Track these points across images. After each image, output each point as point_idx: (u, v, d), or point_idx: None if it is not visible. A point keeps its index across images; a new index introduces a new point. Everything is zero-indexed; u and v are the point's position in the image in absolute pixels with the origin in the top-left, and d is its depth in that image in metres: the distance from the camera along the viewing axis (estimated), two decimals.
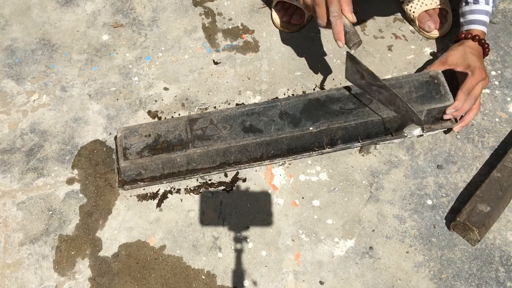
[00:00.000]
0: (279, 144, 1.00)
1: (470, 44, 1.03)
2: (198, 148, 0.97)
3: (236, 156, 1.00)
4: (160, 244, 0.97)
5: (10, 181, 1.04)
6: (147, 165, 0.97)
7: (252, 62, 1.20)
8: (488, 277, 0.92)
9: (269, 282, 0.93)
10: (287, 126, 0.99)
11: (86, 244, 0.97)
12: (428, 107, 1.00)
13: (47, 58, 1.21)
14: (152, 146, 0.98)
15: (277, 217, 0.99)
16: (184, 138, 0.98)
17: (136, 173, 0.99)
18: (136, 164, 0.96)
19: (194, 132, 0.99)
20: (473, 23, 1.05)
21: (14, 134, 1.10)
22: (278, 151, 1.02)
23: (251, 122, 1.00)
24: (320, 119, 0.99)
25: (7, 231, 0.98)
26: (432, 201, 1.01)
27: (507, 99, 1.13)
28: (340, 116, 1.00)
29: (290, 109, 1.01)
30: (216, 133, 0.99)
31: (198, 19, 1.28)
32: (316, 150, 1.03)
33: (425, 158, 1.06)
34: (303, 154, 1.03)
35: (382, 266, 0.94)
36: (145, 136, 0.99)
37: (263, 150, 1.00)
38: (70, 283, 0.93)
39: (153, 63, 1.20)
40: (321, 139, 1.01)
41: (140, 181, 1.00)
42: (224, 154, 0.99)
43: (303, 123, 0.99)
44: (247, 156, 1.01)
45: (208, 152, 0.97)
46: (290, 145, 1.01)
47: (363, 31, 1.25)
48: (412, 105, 0.99)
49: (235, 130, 0.99)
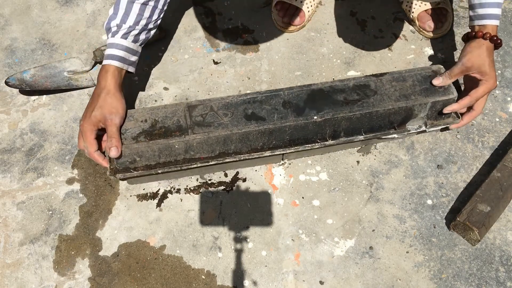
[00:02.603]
0: (281, 133, 0.96)
1: (484, 44, 0.97)
2: (198, 135, 0.93)
3: (236, 145, 0.96)
4: (160, 244, 0.97)
5: (10, 181, 1.04)
6: (143, 151, 0.92)
7: (252, 62, 1.20)
8: (488, 277, 0.92)
9: (269, 282, 0.93)
10: (290, 115, 0.96)
11: (86, 244, 0.97)
12: (433, 100, 0.98)
13: (47, 58, 1.21)
14: (149, 131, 0.93)
15: (277, 217, 0.99)
16: (183, 125, 0.94)
17: (130, 160, 0.93)
18: (131, 150, 0.92)
19: (193, 118, 0.95)
20: (484, 17, 0.98)
21: (14, 134, 1.10)
22: (279, 142, 0.98)
23: (253, 110, 0.97)
24: (324, 108, 0.97)
25: (7, 231, 0.98)
26: (432, 201, 1.01)
27: (507, 99, 1.13)
28: (345, 107, 0.97)
29: (293, 98, 0.98)
30: (217, 120, 0.95)
31: (198, 18, 1.28)
32: (318, 142, 0.99)
33: (425, 158, 1.06)
34: (305, 146, 0.99)
35: (382, 266, 0.94)
36: (141, 121, 0.95)
37: (265, 139, 0.97)
38: (70, 283, 0.93)
39: (153, 62, 1.20)
40: (324, 130, 0.98)
41: (133, 169, 0.95)
42: (225, 143, 0.95)
43: (307, 112, 0.96)
44: (248, 146, 0.97)
45: (208, 139, 0.93)
46: (292, 136, 0.98)
47: (363, 31, 1.25)
48: (416, 97, 0.98)
49: (237, 118, 0.95)
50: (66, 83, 1.14)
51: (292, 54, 1.21)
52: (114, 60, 0.95)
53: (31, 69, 1.13)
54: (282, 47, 1.22)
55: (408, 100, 0.98)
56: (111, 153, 0.90)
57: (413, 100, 0.98)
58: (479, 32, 0.97)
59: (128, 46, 0.96)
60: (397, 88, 1.00)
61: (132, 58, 0.98)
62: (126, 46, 0.96)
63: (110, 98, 0.92)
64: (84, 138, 0.92)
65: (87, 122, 0.91)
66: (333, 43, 1.23)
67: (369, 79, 1.02)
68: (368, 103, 0.98)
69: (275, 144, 0.98)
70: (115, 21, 0.96)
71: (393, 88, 1.00)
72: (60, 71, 1.14)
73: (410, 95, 0.99)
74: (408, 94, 0.99)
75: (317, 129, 0.98)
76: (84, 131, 0.91)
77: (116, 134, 0.91)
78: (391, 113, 0.99)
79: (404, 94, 0.99)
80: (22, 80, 1.11)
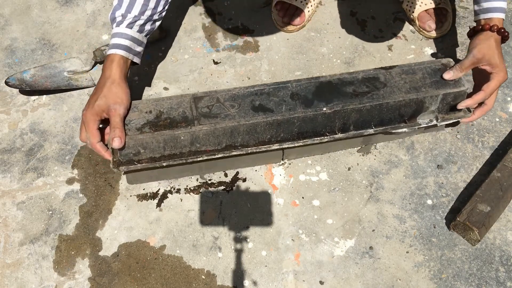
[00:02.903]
0: (290, 125, 0.94)
1: (492, 36, 0.96)
2: (205, 126, 0.90)
3: (243, 137, 0.94)
4: (160, 244, 0.97)
5: (10, 181, 1.04)
6: (148, 143, 0.90)
7: (252, 62, 1.20)
8: (488, 277, 0.92)
9: (269, 282, 0.93)
10: (299, 107, 0.94)
11: (86, 244, 0.97)
12: (444, 92, 0.96)
13: (47, 58, 1.21)
14: (154, 122, 0.91)
15: (277, 217, 0.99)
16: (189, 116, 0.92)
17: (134, 151, 0.90)
18: (135, 141, 0.89)
19: (199, 110, 0.93)
20: (490, 11, 0.98)
21: (14, 134, 1.10)
22: (288, 134, 0.96)
23: (261, 102, 0.95)
24: (333, 100, 0.95)
25: (7, 231, 0.98)
26: (432, 201, 1.01)
27: (507, 99, 1.13)
28: (354, 98, 0.95)
29: (302, 90, 0.97)
30: (224, 111, 0.93)
31: (198, 18, 1.28)
32: (327, 135, 0.97)
33: (425, 158, 1.06)
34: (313, 139, 0.96)
35: (382, 266, 0.94)
36: (145, 112, 0.92)
37: (273, 131, 0.94)
38: (70, 283, 0.93)
39: (153, 62, 1.20)
40: (333, 122, 0.96)
41: (137, 162, 0.92)
42: (232, 134, 0.93)
43: (315, 104, 0.95)
44: (255, 138, 0.95)
45: (215, 131, 0.91)
46: (301, 128, 0.95)
47: (363, 31, 1.25)
48: (427, 90, 0.97)
49: (244, 109, 0.93)
50: (66, 83, 1.14)
51: (292, 54, 1.21)
52: (120, 49, 0.93)
53: (31, 69, 1.13)
54: (282, 47, 1.22)
55: (419, 92, 0.96)
56: (114, 144, 0.87)
57: (424, 92, 0.96)
58: (486, 25, 0.96)
59: (134, 35, 0.95)
60: (407, 80, 0.99)
61: (137, 48, 0.97)
62: (132, 36, 0.95)
63: (115, 88, 0.90)
64: (86, 128, 0.89)
65: (90, 112, 0.88)
66: (333, 43, 1.23)
67: (378, 71, 1.00)
68: (378, 95, 0.96)
69: (283, 137, 0.96)
70: (119, 11, 0.94)
71: (403, 81, 0.99)
72: (60, 71, 1.14)
73: (421, 87, 0.97)
74: (419, 86, 0.97)
75: (326, 121, 0.96)
76: (87, 121, 0.89)
77: (119, 125, 0.89)
78: (401, 105, 0.97)
79: (415, 86, 0.98)
80: (22, 80, 1.11)
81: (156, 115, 0.92)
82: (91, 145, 0.90)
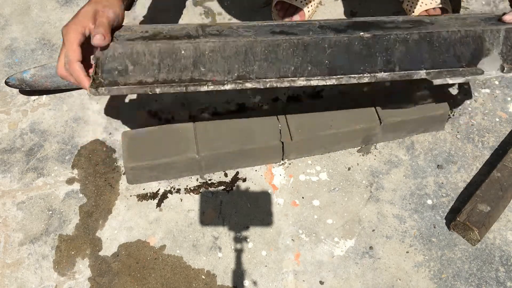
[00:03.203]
0: (318, 53, 0.76)
1: None
2: (212, 40, 0.74)
3: (261, 64, 0.75)
4: (160, 244, 0.97)
5: (10, 181, 1.04)
6: (139, 55, 0.73)
7: None
8: (488, 277, 0.92)
9: (269, 282, 0.93)
10: (329, 32, 0.78)
11: (86, 244, 0.97)
12: (506, 27, 0.82)
13: (47, 58, 1.21)
14: (150, 37, 0.76)
15: (277, 217, 0.99)
16: (194, 35, 0.77)
17: (120, 67, 0.73)
18: (123, 48, 0.72)
19: (207, 31, 0.78)
20: None
21: (14, 134, 1.10)
22: (316, 69, 0.76)
23: (282, 29, 0.79)
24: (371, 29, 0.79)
25: (7, 231, 0.98)
26: (432, 201, 1.01)
27: (507, 99, 1.13)
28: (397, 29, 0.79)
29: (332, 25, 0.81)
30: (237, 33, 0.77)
31: (198, 19, 1.28)
32: (367, 74, 0.78)
33: (425, 158, 1.06)
34: (350, 76, 0.77)
35: (382, 266, 0.94)
36: (141, 32, 0.77)
37: (298, 60, 0.75)
38: (70, 283, 0.93)
39: None
40: (374, 58, 0.78)
41: (123, 84, 0.73)
42: (246, 58, 0.74)
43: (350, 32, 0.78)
44: (276, 68, 0.76)
45: (225, 47, 0.74)
46: (333, 60, 0.77)
47: None
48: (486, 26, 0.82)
49: (262, 33, 0.77)
50: (66, 83, 1.13)
51: None
52: None
53: (31, 69, 1.13)
54: None
55: (476, 27, 0.82)
56: (95, 40, 0.72)
57: (482, 26, 0.82)
58: None
59: None
60: (458, 23, 0.84)
61: None
62: None
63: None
64: (66, 43, 0.73)
65: (74, 22, 0.74)
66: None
67: (422, 18, 0.88)
68: (426, 28, 0.81)
69: (311, 72, 0.77)
70: None
71: (453, 23, 0.84)
72: None
73: (477, 25, 0.83)
74: (474, 24, 0.83)
75: (366, 52, 0.78)
76: (67, 33, 0.73)
77: (105, 25, 0.73)
78: (457, 41, 0.81)
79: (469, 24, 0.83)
80: (22, 80, 1.11)
81: (154, 33, 0.77)
82: (69, 64, 0.73)
